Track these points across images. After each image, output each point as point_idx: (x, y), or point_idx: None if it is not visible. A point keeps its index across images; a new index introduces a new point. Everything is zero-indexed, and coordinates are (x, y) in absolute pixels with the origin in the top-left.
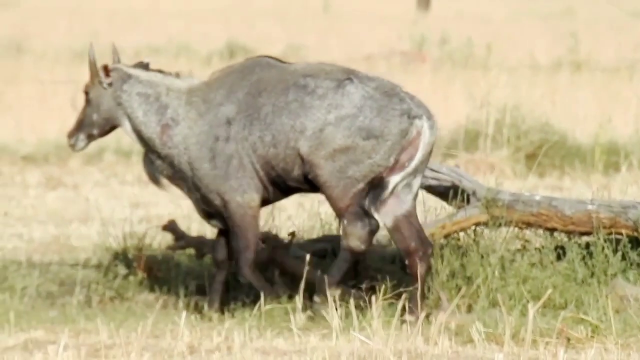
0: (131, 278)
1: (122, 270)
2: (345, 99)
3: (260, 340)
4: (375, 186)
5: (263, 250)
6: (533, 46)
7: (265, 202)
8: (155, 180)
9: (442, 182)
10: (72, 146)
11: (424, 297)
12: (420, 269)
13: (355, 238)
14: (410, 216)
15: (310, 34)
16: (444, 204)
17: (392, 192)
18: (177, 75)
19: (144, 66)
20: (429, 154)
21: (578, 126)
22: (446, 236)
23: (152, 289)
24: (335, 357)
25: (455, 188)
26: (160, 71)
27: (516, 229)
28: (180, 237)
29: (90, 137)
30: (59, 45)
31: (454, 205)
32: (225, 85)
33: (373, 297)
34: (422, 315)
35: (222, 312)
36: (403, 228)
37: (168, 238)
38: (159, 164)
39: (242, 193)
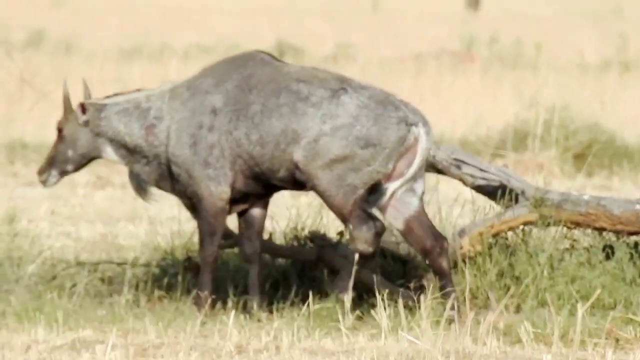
0: (179, 277)
1: (170, 269)
2: (340, 109)
3: (308, 340)
4: (373, 192)
5: (311, 250)
6: (582, 46)
7: (244, 197)
8: (143, 192)
9: (491, 181)
10: (43, 182)
11: (454, 290)
12: (443, 264)
13: (362, 241)
14: (420, 215)
15: (360, 32)
16: (493, 203)
17: (391, 198)
18: (158, 87)
19: (117, 94)
20: (426, 160)
21: (627, 126)
22: (494, 235)
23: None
24: (383, 357)
25: (503, 188)
26: (137, 90)
27: (565, 228)
28: (228, 236)
29: (64, 173)
30: (108, 44)
31: (503, 205)
32: (215, 74)
33: (422, 297)
34: (462, 308)
35: (267, 308)
36: (415, 229)
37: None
38: (146, 170)
39: (217, 184)
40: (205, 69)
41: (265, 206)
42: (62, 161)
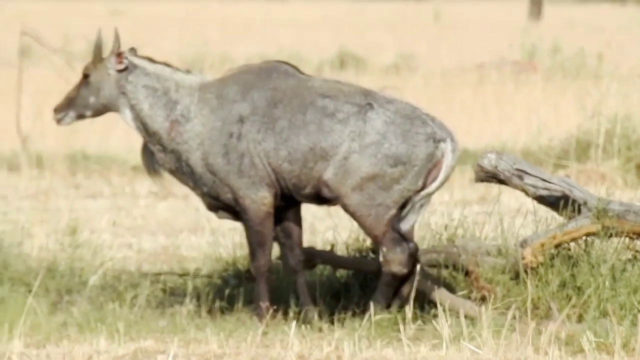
0: (241, 288)
1: (232, 280)
2: (368, 125)
3: (369, 350)
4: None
5: (373, 261)
6: None
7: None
8: (153, 172)
9: (553, 192)
10: (58, 121)
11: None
12: (394, 269)
13: (396, 264)
14: None
15: (421, 42)
16: (555, 214)
17: (410, 211)
18: (188, 71)
19: (147, 58)
20: (449, 177)
21: None
22: (557, 246)
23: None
24: None
25: (566, 198)
26: (167, 64)
27: (627, 239)
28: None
29: (81, 117)
30: (169, 54)
31: (565, 216)
32: (240, 82)
33: (483, 307)
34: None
35: (328, 318)
36: None
37: (278, 249)
38: (162, 157)
39: (255, 190)
40: (232, 75)
41: (299, 215)
42: (82, 105)
